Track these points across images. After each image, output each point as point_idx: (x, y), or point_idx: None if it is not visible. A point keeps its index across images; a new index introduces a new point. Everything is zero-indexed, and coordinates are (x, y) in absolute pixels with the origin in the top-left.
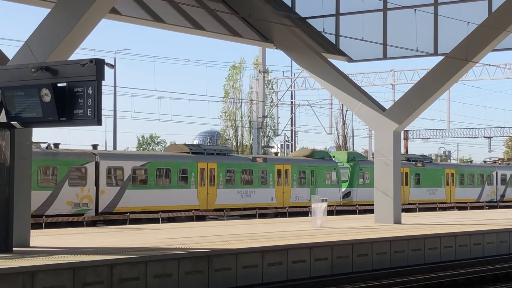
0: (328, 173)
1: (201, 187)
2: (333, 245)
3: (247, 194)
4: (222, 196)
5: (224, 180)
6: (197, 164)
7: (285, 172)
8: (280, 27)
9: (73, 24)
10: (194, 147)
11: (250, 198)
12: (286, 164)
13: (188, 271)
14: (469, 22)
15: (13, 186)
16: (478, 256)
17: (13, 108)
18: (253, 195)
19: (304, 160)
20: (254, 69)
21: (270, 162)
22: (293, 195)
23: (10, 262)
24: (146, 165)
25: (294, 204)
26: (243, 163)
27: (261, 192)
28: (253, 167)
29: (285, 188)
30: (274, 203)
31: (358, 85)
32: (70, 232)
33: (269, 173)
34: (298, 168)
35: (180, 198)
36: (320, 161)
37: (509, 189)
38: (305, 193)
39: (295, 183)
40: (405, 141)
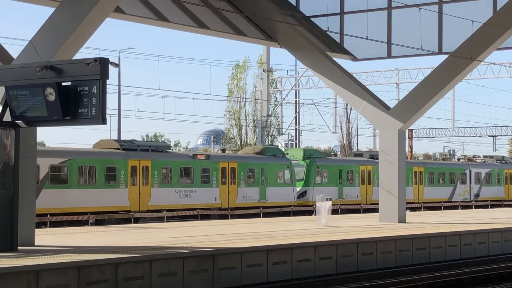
0: (280, 171)
1: (132, 187)
2: (338, 244)
3: (186, 194)
4: (157, 196)
5: (160, 179)
6: (127, 162)
7: (231, 170)
8: (284, 26)
9: (78, 23)
10: (125, 143)
11: (190, 198)
12: (232, 161)
13: (193, 270)
14: (473, 21)
15: (17, 185)
16: (483, 255)
17: (17, 107)
18: (194, 195)
19: (254, 157)
20: (258, 68)
21: (213, 159)
22: (240, 195)
23: (15, 261)
24: (66, 162)
25: (242, 204)
26: (182, 161)
27: (202, 192)
28: (194, 165)
29: (231, 187)
30: (218, 203)
31: (363, 84)
32: (74, 231)
33: (212, 171)
34: (246, 166)
35: (107, 198)
36: (272, 159)
37: (484, 188)
38: (254, 192)
39: (242, 182)
40: (410, 140)
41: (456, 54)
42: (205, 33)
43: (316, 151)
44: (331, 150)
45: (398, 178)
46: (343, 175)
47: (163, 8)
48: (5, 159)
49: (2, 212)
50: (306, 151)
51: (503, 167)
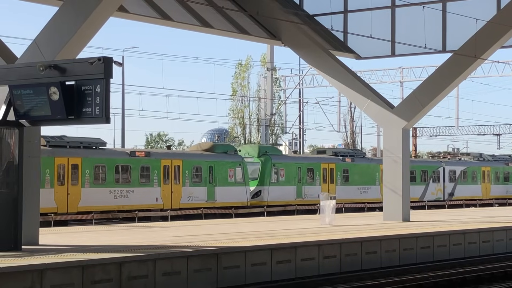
0: (231, 170)
1: (59, 187)
2: (342, 242)
3: (123, 194)
4: (88, 197)
5: (92, 178)
6: (53, 159)
7: (175, 169)
8: (288, 25)
9: (81, 22)
10: (53, 139)
11: (128, 199)
12: (176, 159)
13: (197, 269)
14: (477, 19)
15: (21, 184)
16: (487, 253)
17: (21, 107)
18: (132, 195)
19: (201, 154)
20: (262, 67)
21: (154, 157)
22: (185, 195)
23: (19, 260)
24: None
25: (187, 205)
26: (118, 158)
27: (142, 192)
28: (131, 163)
29: (175, 187)
30: (159, 204)
31: (367, 83)
32: (78, 230)
33: (153, 170)
34: (192, 164)
35: None
36: (222, 156)
37: (459, 186)
38: (201, 192)
39: (187, 181)
40: (414, 138)
41: (460, 52)
42: (208, 32)
43: (273, 148)
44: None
45: (402, 177)
46: (303, 173)
47: (166, 7)
48: (9, 159)
49: (6, 211)
50: (262, 148)
51: (481, 165)
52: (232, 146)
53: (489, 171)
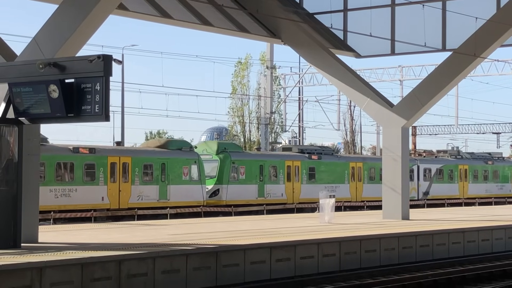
0: (186, 167)
1: None
2: (341, 241)
3: (64, 193)
4: None
5: None
6: None
7: (123, 166)
8: (288, 23)
9: (81, 20)
10: None
11: (70, 198)
12: (124, 156)
13: (196, 267)
14: (477, 18)
15: (21, 182)
16: (487, 252)
17: (21, 104)
18: (74, 195)
19: (153, 151)
20: (261, 65)
21: (100, 153)
22: (134, 194)
23: (18, 257)
24: None
25: (136, 204)
26: (59, 155)
27: (86, 191)
28: (74, 160)
29: (123, 185)
30: (106, 203)
31: (366, 81)
32: (78, 228)
33: (99, 167)
34: (142, 161)
35: None
36: (176, 153)
37: (435, 185)
38: (153, 191)
39: (137, 180)
40: (413, 137)
41: (459, 51)
42: (208, 30)
43: (233, 145)
44: (335, 147)
45: (401, 175)
46: (265, 171)
47: (166, 5)
48: (9, 156)
49: (6, 209)
50: (221, 144)
51: (458, 163)
52: (187, 142)
53: (467, 169)
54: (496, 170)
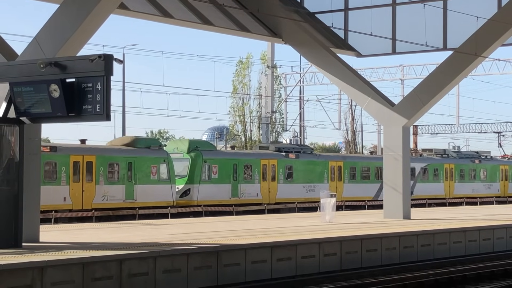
0: (154, 166)
1: None
2: (342, 240)
3: None
4: None
5: None
6: None
7: (87, 165)
8: (288, 22)
9: (82, 19)
10: None
11: None
12: (88, 154)
13: (197, 266)
14: (478, 17)
15: (22, 181)
16: (488, 251)
17: (22, 104)
18: None
19: (119, 149)
20: (262, 64)
21: (62, 152)
22: (99, 195)
23: (20, 257)
24: None
25: (101, 205)
26: None
27: (46, 191)
28: None
29: (87, 185)
30: (68, 204)
31: (367, 80)
32: (79, 227)
33: (61, 166)
34: (108, 160)
35: None
36: (144, 151)
37: (419, 185)
38: (119, 191)
39: (102, 179)
40: (414, 136)
41: (460, 50)
42: (209, 29)
43: (205, 143)
44: (336, 146)
45: (402, 175)
46: (239, 170)
47: (167, 4)
48: (10, 156)
49: (7, 208)
50: (192, 142)
51: (444, 162)
52: (156, 140)
53: (453, 168)
54: (484, 169)
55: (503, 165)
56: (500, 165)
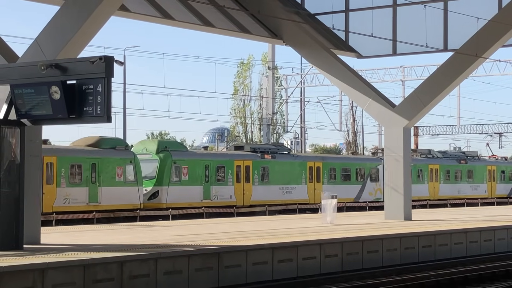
0: (120, 168)
1: None
2: (343, 241)
3: None
4: None
5: None
6: None
7: (47, 167)
8: (289, 24)
9: (83, 21)
10: None
11: None
12: (48, 155)
13: (198, 268)
14: (479, 18)
15: (23, 183)
16: (489, 252)
17: (22, 106)
18: None
19: (82, 150)
20: (263, 66)
21: None
22: (60, 197)
23: (21, 259)
24: None
25: (63, 208)
26: None
27: None
28: None
29: (47, 188)
30: None
31: (368, 82)
32: (80, 229)
33: None
34: (69, 161)
35: None
36: (109, 152)
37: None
38: (82, 194)
39: (63, 181)
40: (415, 137)
41: (461, 51)
42: (210, 31)
43: (175, 143)
44: (337, 148)
45: (403, 176)
46: (211, 171)
47: (168, 6)
48: (11, 158)
49: (8, 210)
50: (161, 143)
51: (428, 162)
52: (122, 140)
53: (438, 169)
54: (470, 170)
55: (491, 165)
56: (487, 166)
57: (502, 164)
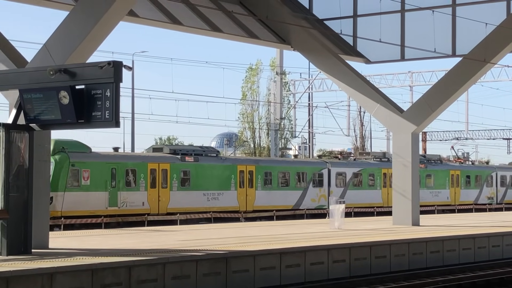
0: None
1: None
2: (351, 247)
3: None
4: None
5: None
6: None
7: None
8: (297, 29)
9: (91, 26)
10: None
11: None
12: None
13: (206, 273)
14: (487, 23)
15: (32, 188)
16: (497, 258)
17: (31, 111)
18: None
19: None
20: (271, 71)
21: None
22: None
23: (29, 263)
24: None
25: None
26: None
27: None
28: None
29: None
30: None
31: (376, 87)
32: (88, 233)
33: None
34: None
35: None
36: None
37: (351, 192)
38: None
39: None
40: (423, 142)
41: (469, 56)
42: (218, 36)
43: (75, 144)
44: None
45: (411, 181)
46: (119, 176)
47: (176, 11)
48: (19, 162)
49: (17, 215)
50: (58, 143)
51: (382, 166)
52: None
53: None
54: (430, 174)
55: (454, 170)
56: (450, 170)
57: (468, 169)
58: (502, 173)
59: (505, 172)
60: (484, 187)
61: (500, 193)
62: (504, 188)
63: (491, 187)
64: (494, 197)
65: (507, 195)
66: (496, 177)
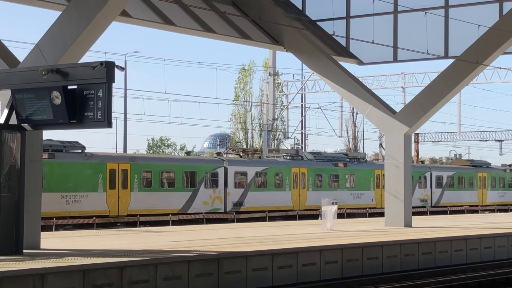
0: None
1: None
2: (343, 248)
3: None
4: None
5: None
6: None
7: None
8: (290, 30)
9: (84, 26)
10: None
11: None
12: None
13: (198, 274)
14: (480, 25)
15: (23, 188)
16: (489, 259)
17: (23, 111)
18: None
19: None
20: (264, 72)
21: None
22: None
23: (20, 264)
24: None
25: None
26: None
27: None
28: None
29: None
30: None
31: (369, 88)
32: (80, 234)
33: None
34: None
35: None
36: None
37: (252, 194)
38: None
39: None
40: (416, 144)
41: (462, 58)
42: (211, 37)
43: None
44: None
45: (404, 182)
46: None
47: (169, 12)
48: (11, 162)
49: (8, 215)
50: None
51: (292, 165)
52: None
53: (305, 173)
54: (351, 174)
55: (380, 169)
56: (375, 170)
57: None
58: (438, 173)
59: (442, 172)
60: (416, 188)
61: (436, 194)
62: (440, 190)
63: (425, 188)
64: (428, 199)
65: (444, 197)
66: (431, 177)
